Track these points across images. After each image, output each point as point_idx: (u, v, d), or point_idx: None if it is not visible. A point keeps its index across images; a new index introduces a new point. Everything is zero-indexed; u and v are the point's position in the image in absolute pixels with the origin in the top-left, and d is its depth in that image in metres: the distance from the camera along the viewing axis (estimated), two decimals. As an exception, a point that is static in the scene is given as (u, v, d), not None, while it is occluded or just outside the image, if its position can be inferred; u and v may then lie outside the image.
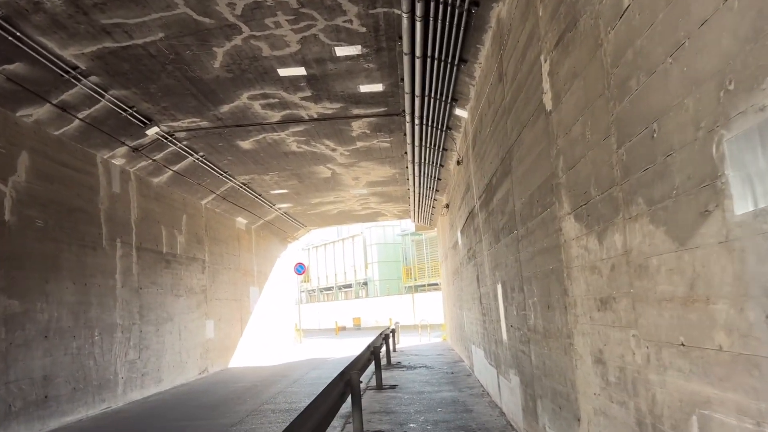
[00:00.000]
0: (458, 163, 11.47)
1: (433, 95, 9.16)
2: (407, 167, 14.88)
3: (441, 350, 18.59)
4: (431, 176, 15.01)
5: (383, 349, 15.78)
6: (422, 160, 13.39)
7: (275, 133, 12.06)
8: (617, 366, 3.42)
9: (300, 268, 28.84)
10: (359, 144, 13.22)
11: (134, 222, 11.97)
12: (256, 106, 10.45)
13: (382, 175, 16.51)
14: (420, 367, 14.15)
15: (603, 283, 3.55)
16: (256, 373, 14.98)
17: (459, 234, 13.06)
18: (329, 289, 53.14)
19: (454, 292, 16.25)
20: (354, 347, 21.14)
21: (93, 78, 8.75)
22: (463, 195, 11.18)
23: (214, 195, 15.81)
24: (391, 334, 18.74)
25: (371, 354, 11.02)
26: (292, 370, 15.13)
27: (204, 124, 11.11)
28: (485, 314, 9.37)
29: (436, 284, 40.11)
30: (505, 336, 7.54)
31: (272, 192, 17.54)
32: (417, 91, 9.01)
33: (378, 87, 9.96)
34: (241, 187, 16.10)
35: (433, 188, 16.44)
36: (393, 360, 15.92)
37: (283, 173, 15.47)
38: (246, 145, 12.65)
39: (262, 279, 21.50)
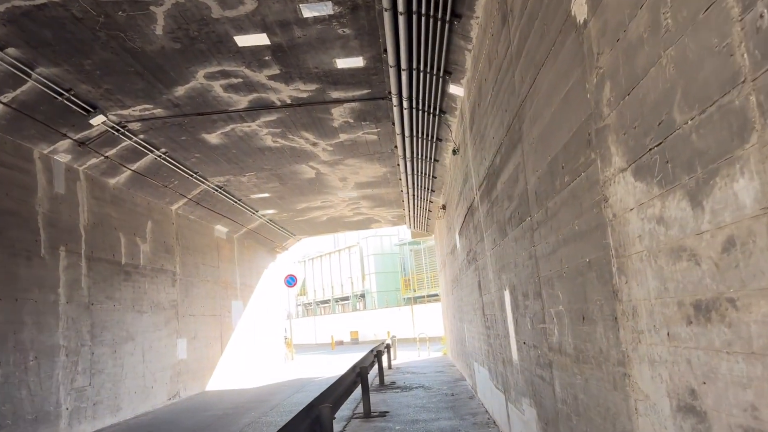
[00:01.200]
0: (454, 152, 9.97)
1: (422, 68, 7.67)
2: (398, 165, 13.38)
3: (441, 366, 16.99)
4: (425, 174, 13.50)
5: (375, 367, 14.18)
6: (414, 155, 11.90)
7: (245, 124, 10.57)
8: (736, 425, 1.88)
9: (291, 280, 27.26)
10: (343, 137, 11.72)
11: (84, 228, 10.43)
12: (217, 88, 8.96)
13: (372, 175, 15.01)
14: (416, 387, 12.55)
15: (701, 274, 2.02)
16: (234, 398, 13.37)
17: (457, 237, 11.54)
18: (326, 302, 51.47)
19: (454, 302, 14.69)
20: (348, 363, 19.51)
21: (11, 51, 7.26)
22: (461, 189, 9.67)
23: (185, 199, 14.29)
24: (385, 350, 17.13)
25: (357, 376, 9.44)
26: (274, 394, 13.51)
27: (159, 111, 9.61)
28: (489, 327, 7.82)
29: (436, 295, 38.52)
30: (515, 355, 5.99)
31: (252, 196, 16.03)
32: (403, 63, 7.51)
33: (358, 61, 8.47)
34: (216, 190, 14.58)
35: (428, 188, 14.92)
36: (387, 379, 14.32)
37: (262, 174, 13.96)
38: (213, 138, 11.15)
39: (247, 292, 19.93)
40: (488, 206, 6.81)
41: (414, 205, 17.31)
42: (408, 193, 15.78)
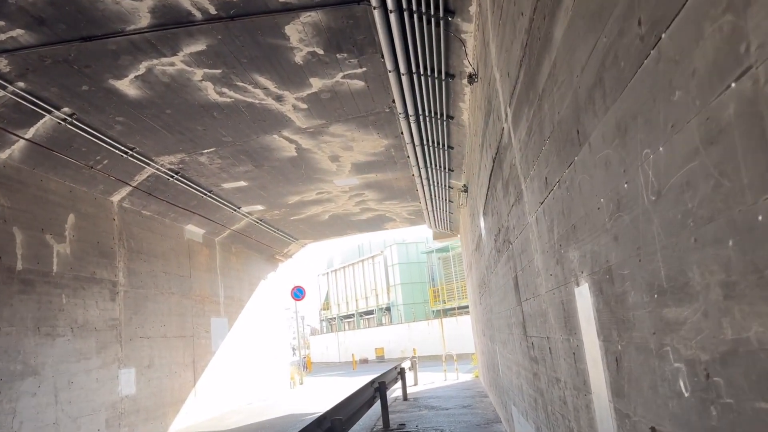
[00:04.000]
0: (471, 80, 6.48)
1: None
2: (402, 132, 9.93)
3: (469, 396, 13.35)
4: (439, 144, 10.01)
5: (380, 396, 10.63)
6: (420, 109, 8.45)
7: (164, 60, 7.27)
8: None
9: (299, 293, 23.97)
10: (315, 83, 8.33)
11: (-62, 217, 7.24)
12: (89, -18, 5.68)
13: (371, 151, 11.57)
14: (432, 435, 8.99)
15: None
16: (189, 448, 10.00)
17: (482, 220, 8.02)
18: (350, 316, 48.04)
19: (482, 313, 11.09)
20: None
21: None
22: (483, 134, 6.17)
23: (129, 188, 11.07)
24: (398, 377, 13.57)
25: (327, 434, 5.95)
26: (243, 442, 10.10)
27: (21, 35, 6.37)
28: (537, 361, 4.30)
29: (467, 307, 34.76)
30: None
31: (225, 186, 12.74)
32: None
33: None
34: (171, 176, 11.34)
35: (444, 167, 11.41)
36: (397, 418, 10.77)
37: (224, 151, 10.66)
38: (128, 88, 7.89)
39: (235, 307, 16.62)
40: (530, 118, 3.32)
41: (430, 193, 13.79)
42: (420, 176, 12.27)
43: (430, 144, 10.14)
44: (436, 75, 7.27)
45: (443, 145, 10.14)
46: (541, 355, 4.06)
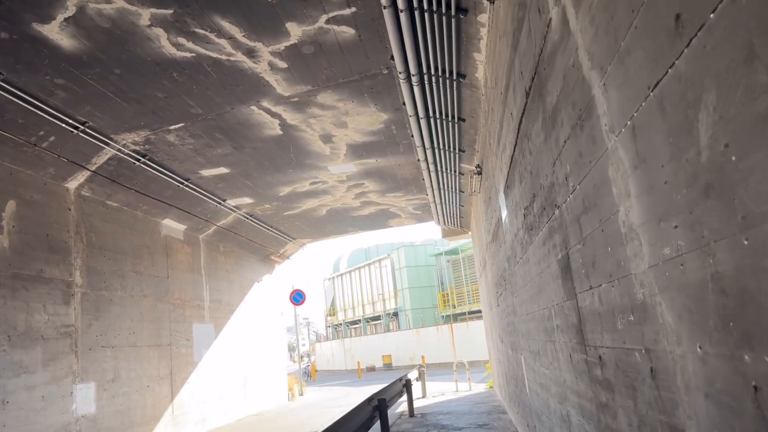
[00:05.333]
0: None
1: None
2: (404, 103, 8.31)
3: (485, 411, 11.66)
4: (447, 114, 8.40)
5: (380, 417, 8.96)
6: (424, 66, 6.86)
7: (96, -6, 5.71)
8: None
9: (298, 297, 22.38)
10: (293, 31, 6.74)
11: None
12: None
13: (369, 128, 9.95)
14: (442, 465, 7.33)
15: None
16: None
17: (502, 198, 6.39)
18: (356, 322, 46.37)
19: (500, 317, 9.42)
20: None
21: None
22: (509, 67, 4.55)
23: (87, 172, 9.52)
24: (403, 390, 11.91)
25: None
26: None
27: None
28: (611, 385, 2.60)
29: (479, 311, 33.05)
30: None
31: (204, 173, 11.17)
32: None
33: None
34: (137, 160, 9.78)
35: (454, 147, 9.79)
36: (400, 442, 9.12)
37: (195, 127, 9.09)
38: (60, 37, 6.33)
39: (223, 312, 15.02)
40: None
41: (438, 181, 12.16)
42: (426, 159, 10.65)
43: (438, 116, 8.53)
44: (444, 9, 5.66)
45: (453, 117, 8.53)
46: (623, 379, 2.42)
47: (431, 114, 8.53)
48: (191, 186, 11.52)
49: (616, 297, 2.38)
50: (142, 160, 9.88)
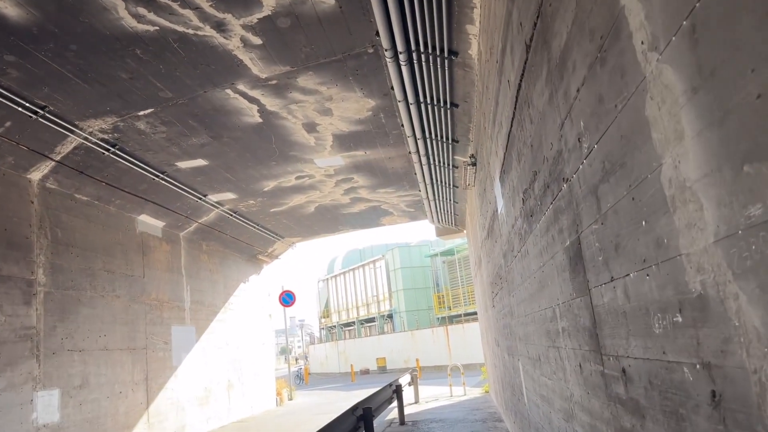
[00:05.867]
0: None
1: None
2: (392, 88, 7.64)
3: (480, 419, 11.00)
4: (439, 99, 7.76)
5: (365, 427, 8.28)
6: (413, 41, 6.22)
7: (38, -49, 5.03)
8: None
9: (288, 298, 21.71)
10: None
11: None
12: None
13: (355, 115, 9.28)
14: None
15: None
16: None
17: (497, 186, 5.75)
18: (350, 324, 45.67)
19: (496, 319, 8.75)
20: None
21: None
22: (505, 25, 3.88)
23: (53, 163, 8.84)
24: (393, 396, 11.24)
25: None
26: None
27: None
28: (639, 406, 1.90)
29: (474, 313, 32.39)
30: None
31: (180, 165, 10.49)
32: None
33: None
34: (107, 150, 9.10)
35: (446, 136, 9.14)
36: (387, 453, 8.44)
37: (166, 113, 8.41)
38: (3, 4, 5.65)
39: (206, 314, 14.33)
40: None
41: (431, 175, 11.51)
42: (418, 151, 9.99)
43: (429, 102, 7.88)
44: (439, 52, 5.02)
45: (445, 102, 7.88)
46: (661, 403, 1.76)
47: (422, 99, 7.87)
48: (168, 179, 10.84)
49: (653, 290, 1.72)
50: (112, 150, 9.20)
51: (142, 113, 8.31)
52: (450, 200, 13.65)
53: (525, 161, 3.79)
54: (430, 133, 9.16)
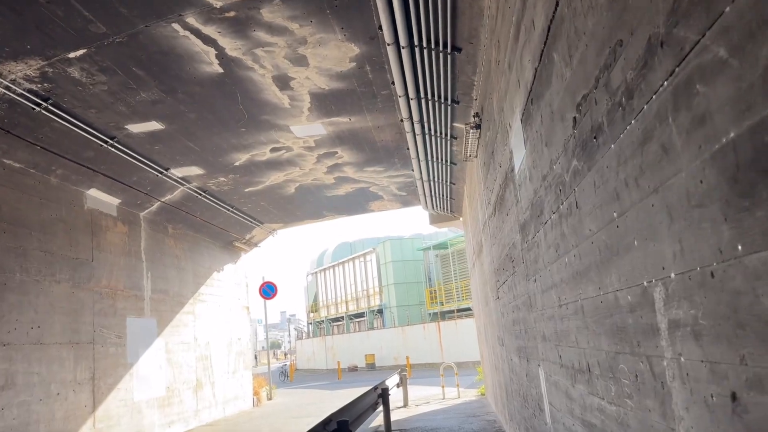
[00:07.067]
0: None
1: None
2: (380, 27, 6.12)
3: (477, 430, 9.54)
4: (438, 42, 6.26)
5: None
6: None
7: None
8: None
9: (269, 290, 20.21)
10: None
11: None
12: None
13: (337, 67, 7.74)
14: None
15: None
16: None
17: (519, 130, 4.22)
18: (339, 319, 44.20)
19: (500, 312, 7.23)
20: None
21: None
22: None
23: (-35, 117, 7.26)
24: (379, 401, 9.76)
25: None
26: None
27: None
28: None
29: (468, 309, 31.00)
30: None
31: (131, 129, 8.93)
32: None
33: None
34: (36, 105, 7.53)
35: (445, 96, 7.64)
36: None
37: (102, 55, 6.85)
38: None
39: (170, 305, 12.78)
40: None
41: (426, 149, 10.00)
42: (411, 117, 8.48)
43: (426, 44, 6.37)
44: None
45: (446, 45, 6.39)
46: None
47: (417, 42, 6.36)
48: (118, 146, 9.28)
49: None
50: (44, 105, 7.63)
51: (72, 55, 6.75)
52: (446, 181, 12.15)
53: (577, 65, 2.30)
54: (425, 91, 7.65)
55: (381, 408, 10.25)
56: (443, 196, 13.67)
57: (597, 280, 2.55)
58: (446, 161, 10.77)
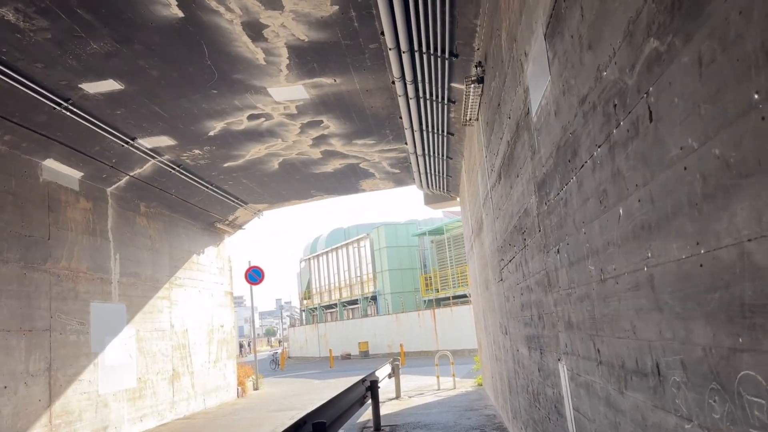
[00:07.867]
0: None
1: None
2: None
3: (476, 426, 8.61)
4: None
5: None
6: None
7: None
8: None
9: (255, 275, 19.22)
10: None
11: None
12: None
13: (317, 11, 6.68)
14: None
15: None
16: None
17: (543, 47, 3.17)
18: (332, 306, 43.30)
19: (503, 296, 6.23)
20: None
21: None
22: None
23: None
24: (368, 393, 8.81)
25: None
26: None
27: None
28: None
29: (464, 296, 30.08)
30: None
31: (86, 89, 7.87)
32: None
33: None
34: (-35, 51, 6.46)
35: (443, 48, 6.64)
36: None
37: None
38: None
39: (142, 289, 11.78)
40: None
41: (419, 114, 8.98)
42: (404, 76, 7.45)
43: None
44: None
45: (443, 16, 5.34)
46: None
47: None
48: (74, 110, 8.22)
49: None
50: (-23, 55, 6.57)
51: (1, -9, 5.69)
52: (442, 155, 11.15)
53: None
54: (420, 42, 6.62)
55: (370, 401, 9.32)
56: (439, 172, 12.67)
57: (694, 231, 1.55)
58: (443, 131, 9.76)
